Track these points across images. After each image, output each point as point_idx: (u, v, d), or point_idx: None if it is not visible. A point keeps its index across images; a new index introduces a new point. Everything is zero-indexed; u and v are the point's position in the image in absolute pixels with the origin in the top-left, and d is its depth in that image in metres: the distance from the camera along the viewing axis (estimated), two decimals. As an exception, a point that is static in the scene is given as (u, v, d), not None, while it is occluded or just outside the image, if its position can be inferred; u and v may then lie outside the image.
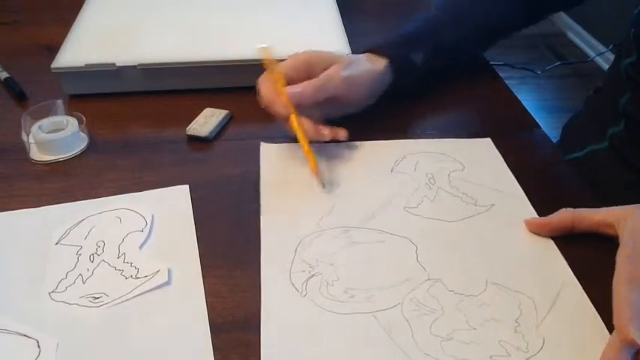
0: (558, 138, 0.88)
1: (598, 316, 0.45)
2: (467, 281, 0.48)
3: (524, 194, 0.57)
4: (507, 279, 0.48)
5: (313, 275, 0.49)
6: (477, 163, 0.61)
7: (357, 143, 0.63)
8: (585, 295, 0.47)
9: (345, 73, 0.61)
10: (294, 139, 0.61)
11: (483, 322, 0.45)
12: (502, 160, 0.61)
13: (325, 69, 0.62)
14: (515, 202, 0.56)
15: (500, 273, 0.49)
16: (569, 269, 0.49)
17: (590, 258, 0.50)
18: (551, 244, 0.52)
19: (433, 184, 0.58)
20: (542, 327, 0.45)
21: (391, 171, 0.60)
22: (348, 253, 0.51)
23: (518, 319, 0.45)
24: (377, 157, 0.62)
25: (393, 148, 0.63)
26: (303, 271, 0.49)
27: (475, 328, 0.44)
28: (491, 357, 0.42)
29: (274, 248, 0.51)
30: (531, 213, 0.55)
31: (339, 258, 0.50)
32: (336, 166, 0.60)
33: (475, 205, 0.56)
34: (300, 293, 0.47)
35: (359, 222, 0.54)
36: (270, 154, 0.62)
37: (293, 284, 0.48)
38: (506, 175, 0.59)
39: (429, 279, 0.48)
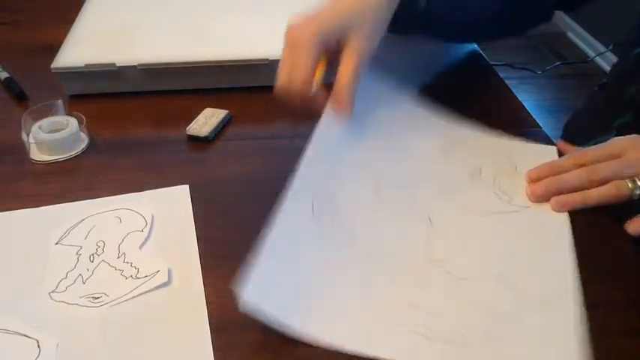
0: (559, 138, 0.87)
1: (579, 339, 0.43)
2: (466, 268, 0.49)
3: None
4: (510, 276, 0.48)
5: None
6: (531, 167, 0.59)
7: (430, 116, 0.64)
8: (576, 315, 0.45)
9: (368, 45, 0.57)
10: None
11: (465, 307, 0.46)
12: None
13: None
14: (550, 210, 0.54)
15: (504, 270, 0.49)
16: (577, 290, 0.47)
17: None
18: (571, 258, 0.49)
19: (478, 176, 0.58)
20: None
21: (445, 156, 0.61)
22: (371, 204, 0.54)
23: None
24: (437, 141, 0.62)
25: (451, 134, 0.63)
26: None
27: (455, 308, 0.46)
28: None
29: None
30: (564, 220, 0.53)
31: (361, 208, 0.53)
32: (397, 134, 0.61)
33: (509, 203, 0.55)
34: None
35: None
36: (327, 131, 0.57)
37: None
38: None
39: (431, 260, 0.49)
